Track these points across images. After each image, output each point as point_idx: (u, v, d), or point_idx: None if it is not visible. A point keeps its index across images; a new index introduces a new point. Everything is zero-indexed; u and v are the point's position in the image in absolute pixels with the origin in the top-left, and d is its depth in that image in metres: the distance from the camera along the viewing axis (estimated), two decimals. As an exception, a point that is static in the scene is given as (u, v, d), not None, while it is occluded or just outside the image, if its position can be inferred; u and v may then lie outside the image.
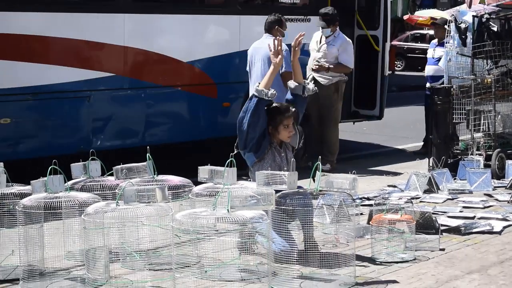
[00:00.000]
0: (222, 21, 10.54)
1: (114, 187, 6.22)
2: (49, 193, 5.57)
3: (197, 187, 6.17)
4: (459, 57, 10.40)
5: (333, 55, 10.31)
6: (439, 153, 9.76)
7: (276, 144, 6.69)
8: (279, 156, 6.65)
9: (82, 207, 5.46)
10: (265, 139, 6.60)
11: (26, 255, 5.57)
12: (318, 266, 5.84)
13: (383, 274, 5.95)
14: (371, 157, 11.87)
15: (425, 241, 6.73)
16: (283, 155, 6.68)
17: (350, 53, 10.46)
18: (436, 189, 8.86)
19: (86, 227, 5.25)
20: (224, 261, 5.80)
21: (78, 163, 6.50)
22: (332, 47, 10.32)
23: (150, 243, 5.87)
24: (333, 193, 6.01)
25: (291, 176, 5.78)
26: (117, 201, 5.33)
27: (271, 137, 6.66)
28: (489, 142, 10.02)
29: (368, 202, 8.16)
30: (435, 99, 9.90)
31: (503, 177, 9.55)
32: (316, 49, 10.41)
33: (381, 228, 6.36)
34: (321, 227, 6.57)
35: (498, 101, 10.10)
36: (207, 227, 5.20)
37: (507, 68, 10.33)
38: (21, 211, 5.47)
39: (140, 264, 5.88)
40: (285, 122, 6.62)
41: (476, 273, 6.03)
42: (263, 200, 5.39)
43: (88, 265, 5.30)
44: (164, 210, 5.30)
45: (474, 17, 10.06)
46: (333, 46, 10.32)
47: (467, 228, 7.25)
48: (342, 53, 10.34)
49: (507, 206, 8.16)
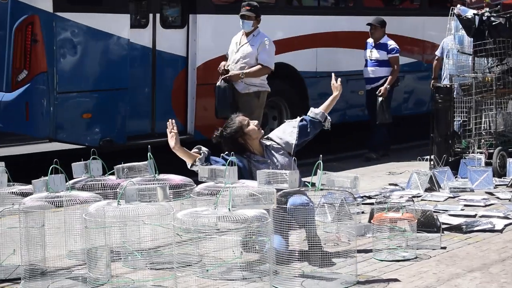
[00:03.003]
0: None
1: (115, 186, 6.22)
2: (50, 192, 5.57)
3: (198, 186, 6.17)
4: (460, 55, 10.41)
5: (253, 56, 9.39)
6: (440, 152, 9.76)
7: (255, 155, 6.58)
8: (263, 165, 6.46)
9: (83, 206, 5.47)
10: (240, 169, 6.39)
11: (28, 254, 5.57)
12: (320, 265, 5.85)
13: (384, 272, 5.95)
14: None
15: (426, 239, 6.73)
16: (269, 161, 6.56)
17: (270, 53, 9.49)
18: (438, 187, 8.86)
19: (87, 226, 5.25)
20: (226, 260, 5.80)
21: (79, 162, 6.50)
22: (252, 47, 9.40)
23: (152, 242, 5.87)
24: (334, 191, 6.01)
25: (292, 174, 5.78)
26: (118, 200, 5.33)
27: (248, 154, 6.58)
28: (490, 140, 10.01)
29: (370, 201, 8.16)
30: (436, 97, 9.89)
31: (504, 175, 9.54)
32: (235, 50, 9.48)
33: (383, 226, 6.36)
34: (322, 225, 6.57)
35: (499, 99, 10.09)
36: (209, 226, 5.20)
37: (508, 66, 10.31)
38: (22, 210, 5.48)
39: (141, 263, 5.88)
40: (244, 129, 6.55)
41: (478, 272, 6.02)
42: (264, 199, 5.39)
43: (89, 264, 5.30)
44: (165, 209, 5.30)
45: (475, 15, 10.06)
46: (253, 46, 9.41)
47: (469, 226, 7.25)
48: (262, 52, 9.39)
49: (509, 204, 8.16)
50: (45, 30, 8.99)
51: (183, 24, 10.29)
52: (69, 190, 5.69)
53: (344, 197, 6.13)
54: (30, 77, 8.98)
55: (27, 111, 9.03)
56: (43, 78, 9.01)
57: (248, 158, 6.57)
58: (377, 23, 11.26)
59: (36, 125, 9.17)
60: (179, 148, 6.40)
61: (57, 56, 9.10)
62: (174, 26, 9.84)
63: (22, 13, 8.94)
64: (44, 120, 9.12)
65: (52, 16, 9.03)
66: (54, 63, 9.05)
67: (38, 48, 8.98)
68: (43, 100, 9.05)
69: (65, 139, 9.56)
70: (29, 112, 9.04)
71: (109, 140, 9.62)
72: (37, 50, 8.98)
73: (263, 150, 6.65)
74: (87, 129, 9.50)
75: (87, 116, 9.43)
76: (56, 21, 9.07)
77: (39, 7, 8.97)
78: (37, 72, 9.00)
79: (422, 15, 13.36)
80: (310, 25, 11.55)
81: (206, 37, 10.38)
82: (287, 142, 6.70)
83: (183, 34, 10.22)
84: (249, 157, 6.57)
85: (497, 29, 10.03)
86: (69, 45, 9.26)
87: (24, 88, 8.99)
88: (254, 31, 9.50)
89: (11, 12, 8.99)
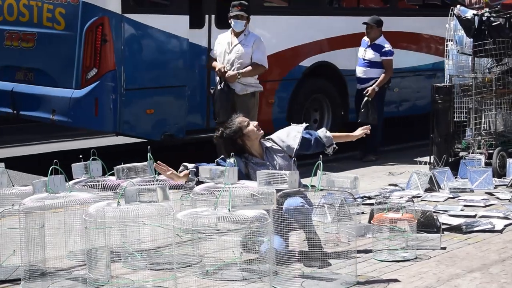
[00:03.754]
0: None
1: (115, 187, 6.22)
2: (50, 193, 5.57)
3: (198, 186, 6.17)
4: (460, 55, 10.40)
5: (248, 56, 9.53)
6: (440, 152, 9.76)
7: (254, 157, 6.57)
8: (262, 168, 6.42)
9: (83, 206, 5.47)
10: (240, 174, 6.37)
11: (28, 255, 5.57)
12: (319, 265, 5.85)
13: (384, 273, 5.95)
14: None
15: (426, 240, 6.73)
16: (267, 163, 6.54)
17: (264, 51, 9.70)
18: (437, 187, 8.86)
19: (87, 227, 5.25)
20: (226, 260, 5.80)
21: (79, 163, 6.50)
22: (246, 47, 9.54)
23: (151, 243, 5.87)
24: (334, 192, 6.01)
25: (292, 175, 5.78)
26: (118, 201, 5.33)
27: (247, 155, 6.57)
28: (490, 141, 10.01)
29: (369, 201, 8.16)
30: (436, 98, 9.89)
31: (504, 176, 9.54)
32: (228, 51, 9.57)
33: (382, 227, 6.36)
34: (322, 226, 6.57)
35: (499, 99, 10.09)
36: (208, 227, 5.20)
37: (508, 67, 10.32)
38: (22, 211, 5.48)
39: (141, 263, 5.88)
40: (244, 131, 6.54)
41: (478, 272, 6.03)
42: (264, 199, 5.39)
43: (89, 265, 5.30)
44: (165, 209, 5.30)
45: (475, 16, 10.05)
46: (246, 45, 9.55)
47: (468, 226, 7.25)
48: (256, 51, 9.56)
49: (509, 205, 8.16)
50: (114, 30, 9.55)
51: None
52: (69, 191, 5.68)
53: (344, 198, 6.13)
54: (100, 74, 9.53)
55: (96, 107, 9.59)
56: (112, 76, 9.56)
57: (246, 160, 6.55)
58: (373, 22, 11.15)
59: (105, 120, 9.73)
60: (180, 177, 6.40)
61: (124, 55, 9.63)
62: (227, 27, 10.13)
63: (92, 15, 9.53)
64: (112, 115, 9.64)
65: (121, 17, 9.60)
66: (121, 62, 9.60)
67: (107, 47, 9.53)
68: (112, 96, 9.58)
69: (130, 133, 10.17)
70: (98, 108, 9.59)
71: (170, 134, 10.16)
72: (106, 49, 9.53)
73: (263, 151, 6.64)
74: (150, 124, 10.04)
75: (150, 112, 9.94)
76: (124, 22, 9.63)
77: (109, 9, 9.54)
78: (106, 70, 9.54)
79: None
80: (350, 26, 11.96)
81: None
82: (289, 146, 6.69)
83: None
84: (247, 159, 6.56)
85: (497, 30, 10.03)
86: (135, 44, 9.79)
87: (94, 85, 9.55)
88: (245, 30, 9.61)
89: (81, 14, 9.58)
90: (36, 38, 10.08)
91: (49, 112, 9.98)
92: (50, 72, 10.05)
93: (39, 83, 10.13)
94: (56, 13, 9.82)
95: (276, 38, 10.98)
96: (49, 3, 9.89)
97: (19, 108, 10.37)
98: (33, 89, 10.17)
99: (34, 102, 10.16)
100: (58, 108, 9.88)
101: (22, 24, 10.22)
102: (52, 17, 9.86)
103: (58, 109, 9.88)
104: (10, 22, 10.37)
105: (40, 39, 10.05)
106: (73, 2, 9.67)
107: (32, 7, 10.08)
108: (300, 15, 11.31)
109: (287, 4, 11.94)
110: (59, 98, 9.84)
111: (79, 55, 9.62)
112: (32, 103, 10.20)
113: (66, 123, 10.06)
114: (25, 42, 10.20)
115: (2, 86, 10.54)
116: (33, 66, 10.22)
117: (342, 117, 11.93)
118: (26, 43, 10.18)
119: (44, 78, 10.09)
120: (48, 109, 10.00)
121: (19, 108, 10.36)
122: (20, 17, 10.25)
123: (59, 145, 12.72)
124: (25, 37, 10.19)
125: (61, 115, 9.88)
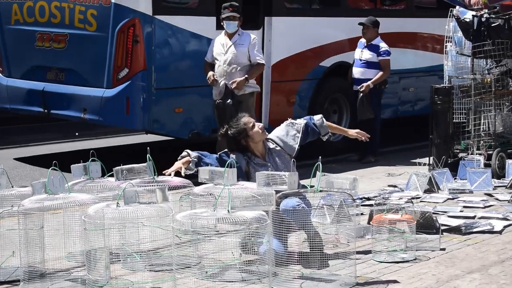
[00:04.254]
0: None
1: (114, 188, 6.21)
2: (49, 194, 5.56)
3: (197, 187, 6.16)
4: (459, 56, 10.40)
5: (244, 55, 9.56)
6: (439, 153, 9.76)
7: (256, 157, 6.57)
8: (263, 169, 6.43)
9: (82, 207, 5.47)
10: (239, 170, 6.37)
11: (27, 257, 5.57)
12: (319, 266, 5.84)
13: (383, 274, 5.95)
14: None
15: (425, 241, 6.73)
16: (269, 164, 6.57)
17: (260, 49, 9.89)
18: (437, 188, 8.86)
19: (86, 228, 5.25)
20: (225, 261, 5.80)
21: (78, 164, 6.50)
22: (241, 46, 9.57)
23: (151, 244, 5.87)
24: (333, 193, 6.00)
25: (291, 176, 5.78)
26: (117, 202, 5.33)
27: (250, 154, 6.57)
28: (489, 142, 10.01)
29: (369, 202, 8.16)
30: (435, 99, 9.89)
31: (504, 177, 9.54)
32: (223, 52, 9.59)
33: (382, 228, 6.36)
34: (321, 227, 6.57)
35: (498, 100, 10.09)
36: (208, 228, 5.20)
37: (507, 68, 10.32)
38: (21, 212, 5.48)
39: (140, 265, 5.87)
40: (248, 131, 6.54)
41: (477, 273, 6.03)
42: (264, 200, 5.39)
43: (88, 266, 5.30)
44: (164, 211, 5.29)
45: (474, 17, 10.06)
46: (241, 45, 9.58)
47: (468, 227, 7.25)
48: (253, 50, 9.57)
49: (508, 206, 8.16)
50: (145, 31, 9.87)
51: (258, 26, 11.04)
52: (68, 192, 5.68)
53: (343, 199, 6.13)
54: (131, 74, 9.85)
55: (127, 105, 9.92)
56: (143, 76, 9.88)
57: (249, 159, 6.56)
58: (370, 23, 11.16)
59: (135, 119, 10.07)
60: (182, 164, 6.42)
61: (155, 55, 9.94)
62: (251, 27, 10.48)
63: (124, 16, 9.84)
64: (142, 114, 9.97)
65: (152, 19, 9.91)
66: (152, 62, 9.90)
67: (138, 48, 9.84)
68: (142, 95, 9.89)
69: (160, 131, 10.52)
70: (129, 107, 9.92)
71: (197, 132, 10.48)
72: (137, 50, 9.84)
73: (265, 152, 6.64)
74: (178, 122, 10.37)
75: (179, 110, 10.26)
76: (155, 23, 9.94)
77: (140, 11, 9.85)
78: (138, 70, 9.86)
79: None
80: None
81: (280, 37, 11.16)
82: (289, 146, 6.70)
83: (259, 35, 10.86)
84: (250, 158, 6.57)
85: (496, 31, 10.03)
86: (164, 45, 10.10)
87: (125, 85, 9.86)
88: (238, 30, 9.68)
89: (113, 15, 9.88)
90: (67, 39, 10.37)
91: (80, 111, 10.27)
92: (81, 72, 10.33)
93: (70, 82, 10.42)
94: (88, 14, 10.11)
95: (298, 39, 11.34)
96: (81, 5, 10.17)
97: (50, 107, 10.65)
98: (64, 88, 10.46)
99: (65, 101, 10.46)
100: (89, 107, 10.18)
101: (54, 25, 10.50)
102: (84, 18, 10.15)
103: (89, 108, 10.18)
104: (41, 24, 10.65)
105: (72, 40, 10.33)
106: (105, 4, 9.95)
107: (64, 9, 10.36)
108: (321, 16, 11.59)
109: (309, 5, 12.24)
110: (90, 97, 10.12)
111: (110, 55, 9.92)
112: (63, 102, 10.50)
113: (97, 122, 10.39)
114: (56, 43, 10.47)
115: (33, 85, 10.83)
116: (64, 66, 10.51)
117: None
118: (58, 43, 10.46)
119: (75, 77, 10.38)
120: (79, 108, 10.29)
121: (50, 107, 10.64)
122: (52, 18, 10.51)
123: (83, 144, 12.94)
124: (56, 38, 10.46)
125: (92, 114, 10.18)
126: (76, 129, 13.26)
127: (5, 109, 11.40)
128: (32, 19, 10.74)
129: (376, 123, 11.26)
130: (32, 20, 10.74)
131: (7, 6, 11.03)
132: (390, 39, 12.41)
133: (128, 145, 13.02)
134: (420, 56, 13.10)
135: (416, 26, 12.98)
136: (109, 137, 13.56)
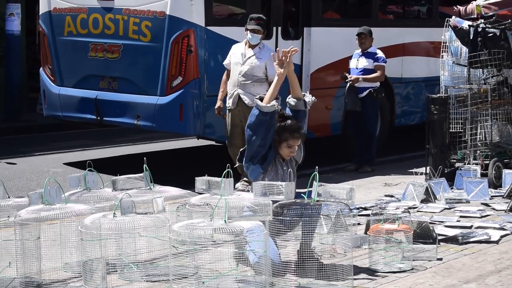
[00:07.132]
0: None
1: (111, 198, 6.21)
2: (45, 204, 5.56)
3: (194, 198, 6.16)
4: (455, 66, 10.42)
5: (261, 69, 9.67)
6: (436, 163, 9.77)
7: (280, 157, 6.58)
8: (282, 169, 6.51)
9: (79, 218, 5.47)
10: (271, 151, 6.48)
11: (23, 267, 5.56)
12: (316, 276, 5.84)
13: (380, 284, 5.95)
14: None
15: (422, 250, 6.73)
16: (285, 168, 6.57)
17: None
18: (433, 198, 8.86)
19: (83, 239, 5.24)
20: (222, 272, 5.79)
21: (75, 174, 6.49)
22: (260, 60, 9.67)
23: (147, 254, 5.87)
24: (330, 203, 6.00)
25: (288, 186, 5.78)
26: (114, 212, 5.33)
27: (275, 150, 6.61)
28: (485, 151, 10.02)
29: (366, 212, 8.15)
30: (432, 109, 9.90)
31: (500, 186, 9.55)
32: (240, 62, 9.71)
33: (379, 238, 6.36)
34: (318, 237, 6.57)
35: (494, 110, 10.11)
36: (204, 238, 5.19)
37: (503, 77, 10.34)
38: (18, 222, 5.47)
39: (137, 275, 5.87)
40: (291, 142, 6.48)
41: (474, 283, 6.03)
42: (260, 210, 5.39)
43: (85, 276, 5.30)
44: (161, 221, 5.29)
45: (470, 27, 10.08)
46: (260, 59, 9.67)
47: (465, 237, 7.25)
48: (271, 67, 9.11)
49: (504, 215, 8.16)
50: (198, 41, 10.30)
51: (297, 36, 11.44)
52: (65, 203, 5.67)
53: (340, 209, 6.13)
54: (185, 82, 10.28)
55: (181, 112, 10.33)
56: (196, 84, 10.31)
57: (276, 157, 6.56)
58: (367, 32, 11.26)
59: (189, 125, 10.46)
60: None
61: (207, 64, 10.39)
62: (291, 38, 11.06)
63: (178, 28, 10.26)
64: (195, 120, 10.39)
65: (204, 29, 10.35)
66: (204, 70, 10.35)
67: (192, 57, 10.27)
68: (195, 102, 10.32)
69: (211, 136, 10.95)
70: (183, 113, 10.32)
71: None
72: (191, 59, 10.27)
73: (286, 159, 6.66)
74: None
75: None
76: (207, 33, 10.37)
77: (194, 22, 10.28)
78: (191, 78, 10.29)
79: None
80: (397, 36, 12.80)
81: (318, 47, 11.55)
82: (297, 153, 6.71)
83: (299, 45, 11.20)
84: (276, 157, 6.56)
85: (492, 40, 10.06)
86: (216, 54, 10.48)
87: (179, 93, 10.29)
88: (260, 43, 9.82)
89: (168, 27, 10.29)
90: (121, 49, 10.77)
91: (133, 117, 10.67)
92: (134, 80, 10.73)
93: (123, 91, 10.80)
94: (142, 26, 10.52)
95: (335, 48, 11.77)
96: (135, 17, 10.58)
97: (103, 115, 10.99)
98: (117, 96, 10.84)
99: (118, 108, 10.81)
100: (143, 114, 10.57)
101: (107, 36, 10.89)
102: (138, 29, 10.56)
103: (143, 115, 10.57)
104: (95, 35, 11.03)
105: (125, 50, 10.73)
106: (159, 16, 10.36)
107: (118, 21, 10.75)
108: (356, 27, 11.66)
109: (344, 17, 12.88)
110: (144, 105, 10.53)
111: (164, 64, 10.31)
112: (116, 109, 10.85)
113: (150, 128, 10.79)
114: (110, 53, 10.87)
115: (86, 94, 11.15)
116: (117, 75, 10.89)
117: (390, 122, 12.60)
118: (111, 54, 10.86)
119: (128, 86, 10.77)
120: (132, 115, 10.68)
121: (103, 114, 10.99)
122: (106, 29, 10.89)
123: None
124: (110, 48, 10.85)
125: (145, 120, 10.59)
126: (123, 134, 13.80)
127: (57, 116, 11.74)
128: (85, 30, 11.12)
129: (373, 133, 11.26)
130: (86, 31, 11.11)
131: (60, 18, 11.38)
132: (417, 48, 13.11)
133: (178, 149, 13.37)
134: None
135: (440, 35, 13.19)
136: (144, 143, 13.84)
